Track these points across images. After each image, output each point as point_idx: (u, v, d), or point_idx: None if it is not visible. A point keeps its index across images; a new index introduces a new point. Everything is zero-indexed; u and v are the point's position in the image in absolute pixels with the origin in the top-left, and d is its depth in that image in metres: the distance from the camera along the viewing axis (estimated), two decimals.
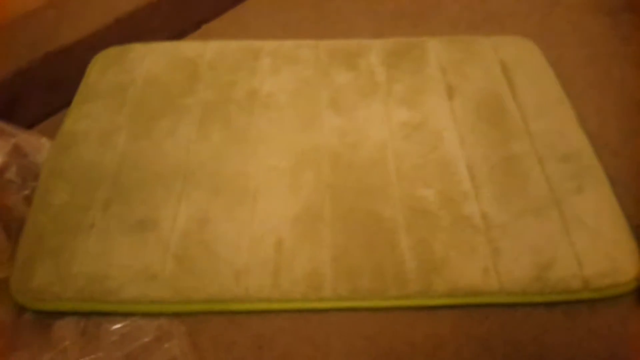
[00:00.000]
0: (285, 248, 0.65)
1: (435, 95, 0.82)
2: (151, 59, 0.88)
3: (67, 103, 0.84)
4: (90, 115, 0.79)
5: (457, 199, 0.69)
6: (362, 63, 0.87)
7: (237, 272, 0.63)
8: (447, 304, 0.62)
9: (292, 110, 0.81)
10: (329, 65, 0.87)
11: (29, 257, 0.64)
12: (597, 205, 0.68)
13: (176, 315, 0.62)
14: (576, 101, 0.82)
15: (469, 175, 0.72)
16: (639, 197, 0.73)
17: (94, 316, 0.62)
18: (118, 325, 0.61)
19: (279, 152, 0.75)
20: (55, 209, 0.69)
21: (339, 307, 0.62)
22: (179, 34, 1.00)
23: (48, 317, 0.62)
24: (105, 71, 0.86)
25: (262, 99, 0.82)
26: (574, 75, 0.89)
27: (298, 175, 0.72)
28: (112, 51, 0.90)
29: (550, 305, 0.63)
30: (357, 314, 0.62)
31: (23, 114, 0.84)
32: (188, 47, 0.91)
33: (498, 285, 0.62)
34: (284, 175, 0.73)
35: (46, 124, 0.85)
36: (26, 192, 0.73)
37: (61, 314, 0.62)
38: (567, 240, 0.65)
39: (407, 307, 0.62)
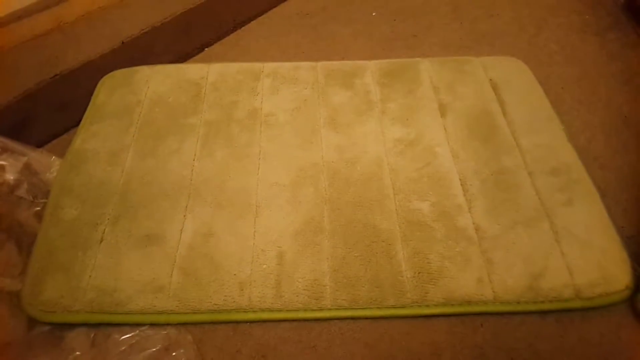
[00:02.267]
0: (286, 260, 0.68)
1: (428, 113, 0.85)
2: (156, 80, 0.92)
3: (75, 123, 0.87)
4: (99, 134, 0.82)
5: (451, 212, 0.72)
6: (357, 83, 0.91)
7: (241, 284, 0.66)
8: (442, 313, 0.65)
9: (292, 128, 0.84)
10: (326, 85, 0.91)
11: (40, 271, 0.67)
12: (587, 216, 0.71)
13: (183, 325, 0.64)
14: (565, 117, 0.86)
15: (462, 188, 0.75)
16: (628, 208, 0.76)
17: (103, 327, 0.64)
18: (127, 336, 0.64)
19: (279, 169, 0.78)
20: (65, 224, 0.71)
21: (339, 316, 0.65)
22: (182, 57, 1.04)
23: (58, 329, 0.64)
24: (113, 92, 0.90)
25: (262, 117, 0.86)
26: (562, 92, 0.93)
27: (298, 191, 0.75)
28: (119, 73, 0.94)
29: (543, 313, 0.65)
30: (357, 322, 0.65)
31: (33, 133, 0.87)
32: (192, 70, 0.94)
33: (492, 294, 0.64)
34: (285, 191, 0.75)
35: (55, 143, 0.88)
36: (37, 208, 0.75)
37: (71, 326, 0.64)
38: (558, 250, 0.67)
39: (405, 316, 0.65)
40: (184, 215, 0.72)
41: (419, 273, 0.67)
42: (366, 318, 0.65)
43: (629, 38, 1.04)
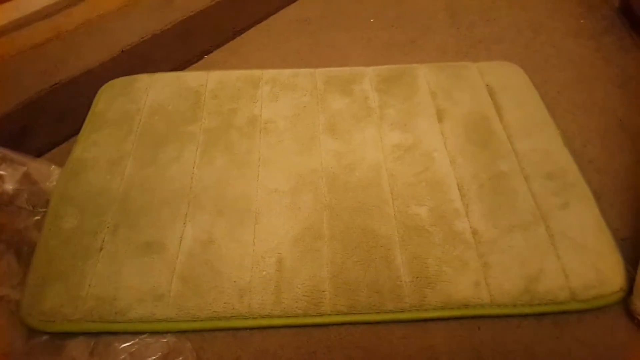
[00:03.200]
0: (286, 266, 0.69)
1: (425, 118, 0.86)
2: (156, 88, 0.92)
3: (75, 132, 0.88)
4: (99, 143, 0.83)
5: (448, 216, 0.73)
6: (356, 89, 0.92)
7: (241, 290, 0.66)
8: (440, 317, 0.65)
9: (291, 135, 0.85)
10: (325, 91, 0.91)
11: (40, 280, 0.67)
12: (582, 220, 0.72)
13: (182, 333, 0.65)
14: (561, 121, 0.87)
15: (459, 193, 0.75)
16: (623, 211, 0.76)
17: (103, 336, 0.64)
18: (127, 344, 0.64)
19: (279, 175, 0.79)
20: (65, 233, 0.72)
21: (338, 321, 0.65)
22: (182, 65, 1.05)
23: (58, 338, 0.65)
24: (112, 101, 0.90)
25: (262, 124, 0.86)
26: (558, 96, 0.94)
27: (297, 197, 0.76)
28: (119, 82, 0.94)
29: (539, 316, 0.66)
30: (355, 327, 0.65)
31: (32, 143, 0.88)
32: (191, 77, 0.95)
33: (489, 297, 0.65)
34: (284, 197, 0.76)
35: (55, 152, 0.89)
36: (36, 218, 0.76)
37: (71, 335, 0.65)
38: (554, 253, 0.68)
39: (403, 320, 0.65)
40: (184, 223, 0.73)
41: (417, 277, 0.67)
42: (365, 323, 0.65)
43: (624, 42, 1.05)
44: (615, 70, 0.99)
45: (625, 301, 0.66)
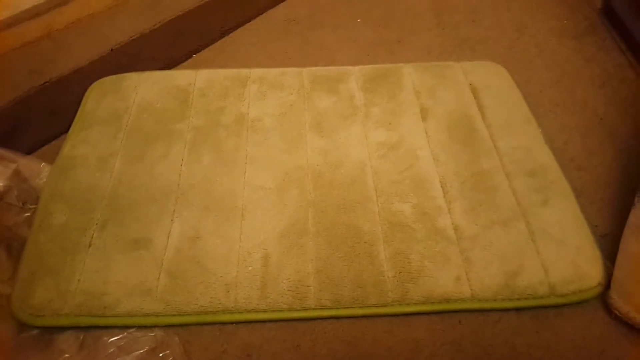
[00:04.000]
0: (271, 262, 0.70)
1: (410, 117, 0.87)
2: (145, 87, 0.93)
3: (64, 129, 0.89)
4: (88, 140, 0.84)
5: (431, 213, 0.75)
6: (342, 88, 0.93)
7: (227, 285, 0.68)
8: (422, 311, 0.67)
9: (278, 133, 0.86)
10: (312, 90, 0.93)
11: (30, 275, 0.68)
12: (561, 216, 0.74)
13: (170, 327, 0.66)
14: (543, 119, 0.89)
15: (442, 190, 0.77)
16: (603, 208, 0.78)
17: (92, 330, 0.65)
18: (115, 338, 0.65)
19: (265, 173, 0.80)
20: (54, 229, 0.73)
21: (322, 315, 0.67)
22: (170, 64, 1.06)
23: (48, 332, 0.65)
24: (102, 99, 0.91)
25: (249, 123, 0.88)
26: (540, 95, 0.96)
27: (283, 194, 0.77)
28: (108, 80, 0.95)
29: (519, 310, 0.67)
30: (339, 321, 0.67)
31: (23, 140, 0.88)
32: (179, 76, 0.96)
33: (470, 292, 0.67)
34: (270, 194, 0.77)
35: (45, 149, 0.89)
36: (27, 214, 0.77)
37: (60, 329, 0.66)
38: (534, 249, 0.70)
39: (386, 314, 0.67)
40: (172, 219, 0.74)
41: (399, 272, 0.69)
42: (349, 317, 0.67)
43: (605, 42, 1.07)
44: (597, 70, 1.01)
45: (603, 296, 0.67)
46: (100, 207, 0.75)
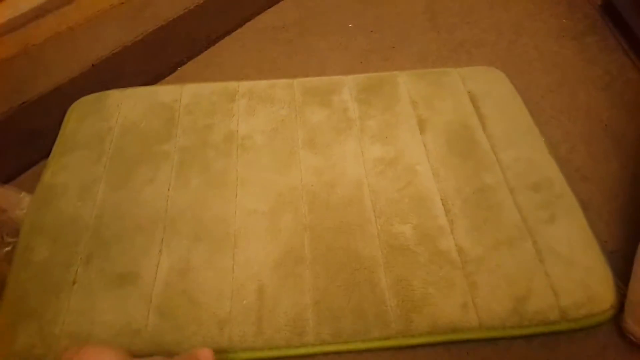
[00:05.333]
0: (267, 294, 0.66)
1: (407, 130, 0.84)
2: (128, 105, 0.89)
3: (45, 154, 0.84)
4: (69, 167, 0.80)
5: (433, 234, 0.71)
6: (335, 100, 0.89)
7: (220, 322, 0.64)
8: (427, 342, 0.63)
9: (269, 151, 0.82)
10: (304, 103, 0.89)
11: (11, 319, 0.64)
12: (570, 233, 0.70)
13: None
14: (545, 127, 0.85)
15: (443, 208, 0.73)
16: (611, 222, 0.75)
17: None
18: None
19: (257, 195, 0.76)
20: (36, 266, 0.69)
21: (322, 351, 0.63)
22: (155, 78, 1.01)
23: None
24: (83, 120, 0.87)
25: (239, 141, 0.83)
26: (541, 101, 0.92)
27: (277, 218, 0.74)
28: (89, 99, 0.91)
29: (528, 337, 0.64)
30: (341, 356, 0.63)
31: (0, 167, 0.84)
32: (164, 92, 0.92)
33: (477, 320, 0.63)
34: (263, 219, 0.74)
35: (24, 177, 0.85)
36: (7, 249, 0.73)
37: None
38: (542, 270, 0.66)
39: (390, 347, 0.63)
40: (160, 250, 0.70)
41: (402, 301, 0.65)
42: (350, 352, 0.63)
43: (607, 42, 1.03)
44: (599, 71, 0.97)
45: (615, 319, 0.64)
46: (84, 239, 0.71)
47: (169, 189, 0.77)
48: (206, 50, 1.06)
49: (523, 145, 0.81)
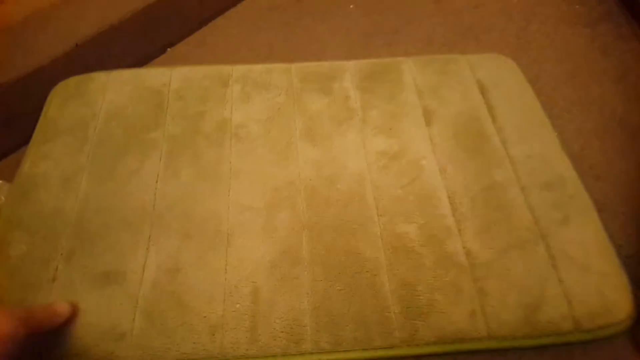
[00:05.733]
0: (262, 298, 0.62)
1: (412, 121, 0.78)
2: (114, 89, 0.83)
3: (25, 140, 0.78)
4: (50, 155, 0.74)
5: (439, 235, 0.67)
6: (336, 87, 0.83)
7: (212, 328, 0.60)
8: (433, 352, 0.59)
9: (265, 141, 0.77)
10: (302, 90, 0.83)
11: None
12: (584, 236, 0.66)
13: None
14: (557, 121, 0.80)
15: (450, 207, 0.69)
16: (627, 223, 0.71)
17: None
18: None
19: (252, 190, 0.71)
20: (13, 261, 0.64)
21: None
22: (143, 59, 0.95)
23: None
24: (65, 104, 0.81)
25: (232, 130, 0.78)
26: (553, 93, 0.87)
27: (273, 215, 0.69)
28: (72, 81, 0.85)
29: (540, 348, 0.60)
30: None
31: None
32: (153, 75, 0.86)
33: (486, 329, 0.59)
34: (258, 216, 0.69)
35: (2, 165, 0.79)
36: None
37: None
38: (555, 277, 0.62)
39: (393, 357, 0.59)
40: (147, 248, 0.65)
41: (407, 308, 0.61)
42: None
43: (622, 30, 0.98)
44: (613, 62, 0.92)
45: (632, 331, 0.60)
46: (65, 234, 0.66)
47: (157, 181, 0.72)
48: (198, 30, 1.00)
49: (535, 140, 0.76)
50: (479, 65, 0.86)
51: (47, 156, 0.74)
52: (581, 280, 0.62)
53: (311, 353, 0.59)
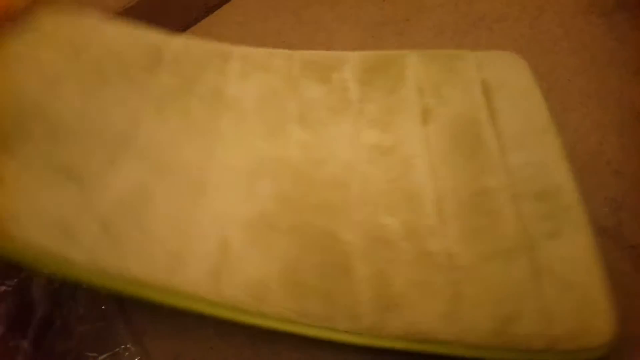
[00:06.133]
0: (231, 250, 0.60)
1: (409, 118, 0.75)
2: (112, 28, 0.79)
3: None
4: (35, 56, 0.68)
5: (422, 233, 0.64)
6: (335, 78, 0.81)
7: (173, 259, 0.57)
8: (399, 348, 0.56)
9: (256, 117, 0.75)
10: (300, 77, 0.80)
11: None
12: (573, 253, 0.62)
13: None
14: (574, 115, 0.77)
15: (436, 208, 0.66)
16: None
17: None
18: None
19: (237, 154, 0.70)
20: None
21: (283, 329, 0.57)
22: None
23: None
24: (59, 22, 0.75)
25: (226, 100, 0.76)
26: (568, 85, 0.83)
27: (255, 181, 0.67)
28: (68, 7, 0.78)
29: None
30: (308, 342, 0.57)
31: None
32: (153, 33, 0.82)
33: (455, 334, 0.56)
34: (240, 178, 0.67)
35: None
36: None
37: None
38: (536, 291, 0.58)
39: (358, 345, 0.57)
40: (120, 166, 0.63)
41: (378, 296, 0.58)
42: (315, 339, 0.57)
43: (639, 19, 0.93)
44: (630, 52, 0.88)
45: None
46: (31, 116, 0.61)
47: (142, 118, 0.69)
48: (203, 19, 0.98)
49: (535, 147, 0.72)
50: (487, 64, 0.82)
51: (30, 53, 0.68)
52: (563, 298, 0.58)
53: (276, 319, 0.57)
